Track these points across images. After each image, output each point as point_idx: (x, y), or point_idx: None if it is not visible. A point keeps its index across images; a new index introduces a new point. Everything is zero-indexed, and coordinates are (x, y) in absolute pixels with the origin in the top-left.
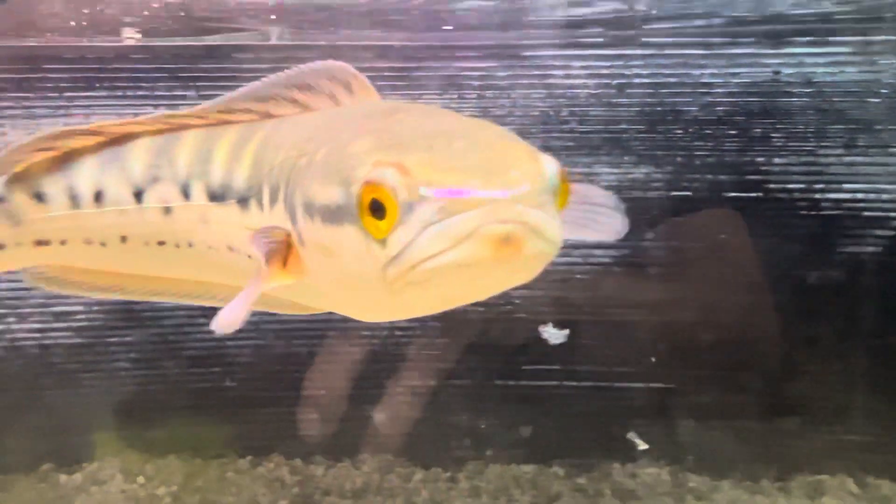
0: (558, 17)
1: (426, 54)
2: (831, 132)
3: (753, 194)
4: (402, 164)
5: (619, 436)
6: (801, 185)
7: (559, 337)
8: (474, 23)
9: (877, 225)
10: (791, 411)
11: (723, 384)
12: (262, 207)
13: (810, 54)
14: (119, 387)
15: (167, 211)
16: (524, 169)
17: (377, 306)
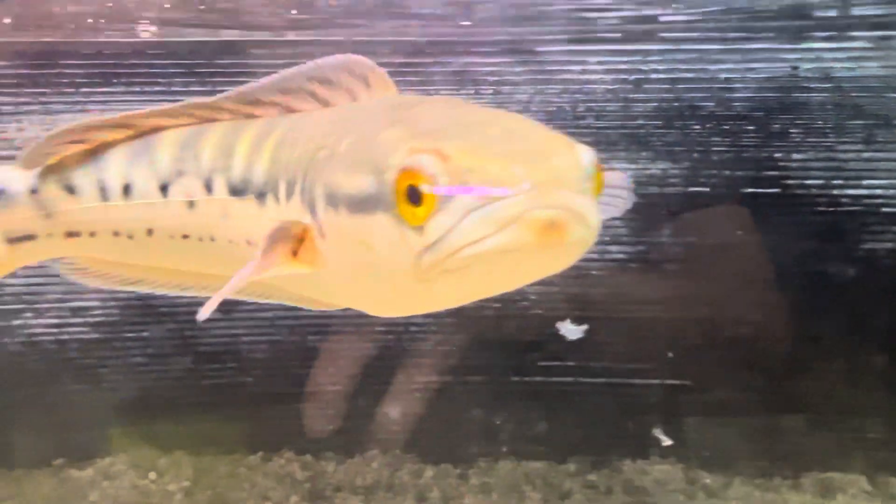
0: (575, 12)
1: (442, 49)
2: (850, 128)
3: (771, 190)
4: (440, 151)
5: (631, 432)
6: (820, 181)
7: (577, 333)
8: (490, 18)
9: None
10: (804, 408)
11: (736, 381)
12: (279, 202)
13: (829, 49)
14: (131, 382)
15: (191, 205)
16: (564, 156)
17: (401, 298)
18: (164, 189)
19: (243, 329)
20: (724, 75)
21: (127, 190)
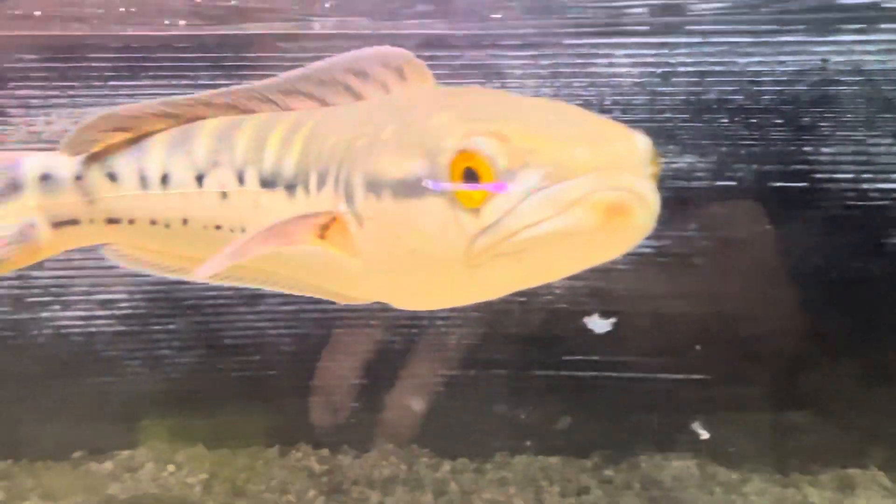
0: (602, 4)
1: (468, 43)
2: (880, 121)
3: (800, 184)
4: (499, 133)
5: (650, 428)
6: (850, 175)
7: (604, 326)
8: (517, 11)
9: None
10: (823, 404)
11: (754, 377)
12: (309, 193)
13: (859, 42)
14: (151, 376)
15: (224, 196)
16: (625, 140)
17: (444, 287)
18: (199, 179)
19: (267, 322)
20: (752, 68)
21: (165, 179)
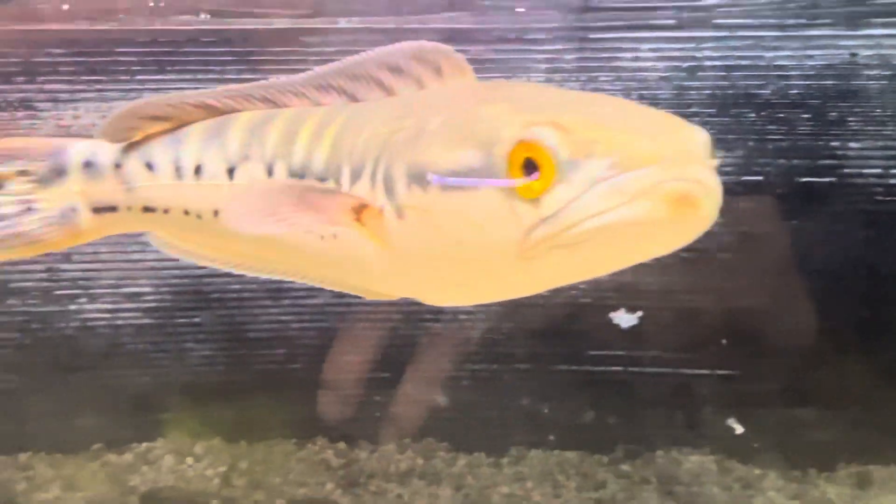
0: None
1: (494, 37)
2: None
3: (828, 179)
4: (559, 124)
5: (667, 423)
6: (878, 170)
7: (630, 320)
8: (543, 5)
9: None
10: (841, 400)
11: (775, 373)
12: (341, 186)
13: (888, 36)
14: (173, 369)
15: None
16: (688, 131)
17: (489, 279)
18: (230, 172)
19: (291, 316)
20: (780, 62)
21: (198, 170)
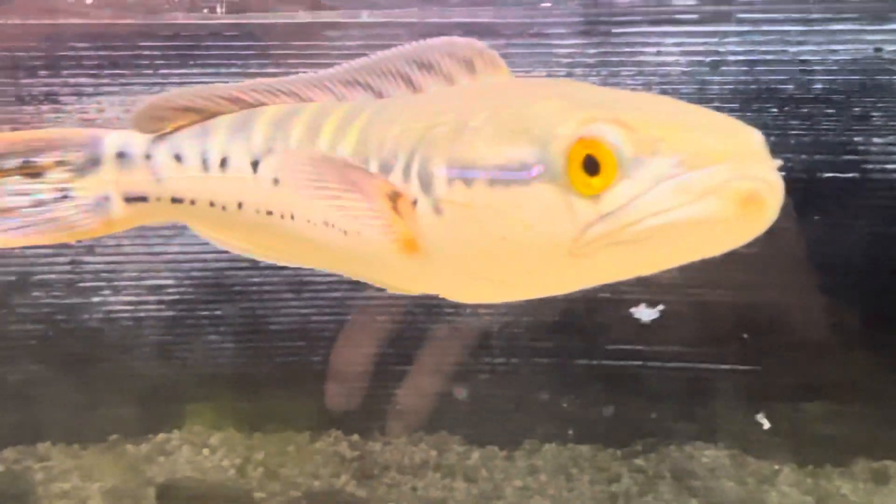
0: None
1: (514, 31)
2: None
3: (851, 175)
4: (622, 121)
5: (682, 417)
6: None
7: (651, 314)
8: None
9: None
10: (857, 395)
11: (792, 368)
12: None
13: None
14: (194, 361)
15: (275, 182)
16: (748, 131)
17: (531, 276)
18: (255, 165)
19: (312, 309)
20: (804, 57)
21: (224, 163)
